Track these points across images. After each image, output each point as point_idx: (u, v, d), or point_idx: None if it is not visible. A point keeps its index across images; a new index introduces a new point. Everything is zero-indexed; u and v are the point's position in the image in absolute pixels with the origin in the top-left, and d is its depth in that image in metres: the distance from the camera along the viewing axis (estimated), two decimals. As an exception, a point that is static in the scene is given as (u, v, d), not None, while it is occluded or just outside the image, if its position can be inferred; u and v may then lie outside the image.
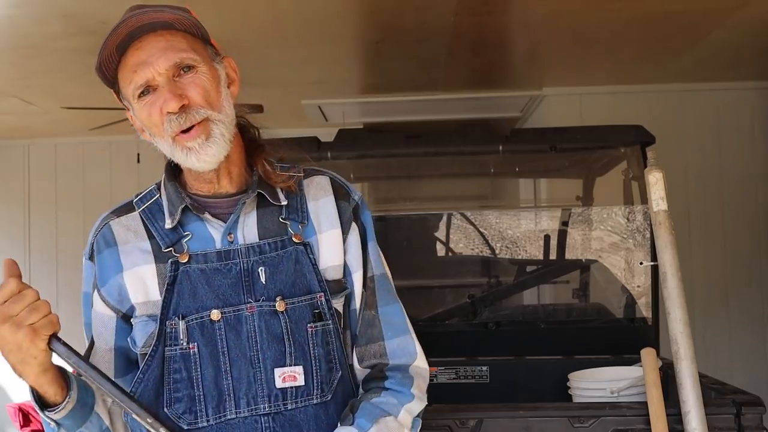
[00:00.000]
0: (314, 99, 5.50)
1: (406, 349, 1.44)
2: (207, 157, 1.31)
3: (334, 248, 1.41)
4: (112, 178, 6.58)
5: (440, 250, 3.72)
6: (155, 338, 1.33)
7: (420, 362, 1.45)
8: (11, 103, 5.38)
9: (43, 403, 1.25)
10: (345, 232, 1.42)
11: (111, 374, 1.36)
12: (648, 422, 2.00)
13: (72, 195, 6.63)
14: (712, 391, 2.15)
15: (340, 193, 1.45)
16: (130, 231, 1.39)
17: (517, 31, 4.30)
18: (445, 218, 3.68)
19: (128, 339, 1.37)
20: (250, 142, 1.42)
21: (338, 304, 1.40)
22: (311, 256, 1.38)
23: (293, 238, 1.38)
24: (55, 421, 1.26)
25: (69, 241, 6.54)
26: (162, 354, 1.33)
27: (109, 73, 1.34)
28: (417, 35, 4.16)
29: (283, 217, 1.39)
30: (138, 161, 5.90)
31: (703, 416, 1.97)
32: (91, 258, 1.41)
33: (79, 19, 3.75)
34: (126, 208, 1.43)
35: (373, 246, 1.46)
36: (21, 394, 6.18)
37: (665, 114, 5.27)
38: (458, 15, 3.84)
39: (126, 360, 1.40)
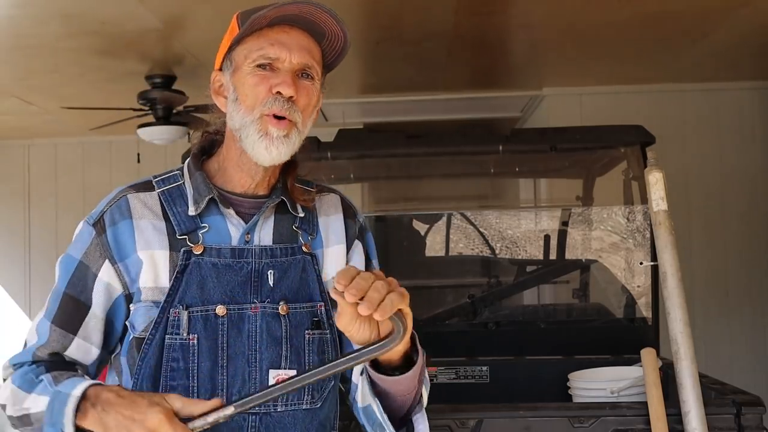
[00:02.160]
0: (314, 99, 5.49)
1: None
2: (275, 150, 1.34)
3: (338, 262, 1.45)
4: (112, 178, 6.57)
5: (440, 250, 3.73)
6: (153, 324, 1.33)
7: None
8: (11, 103, 5.38)
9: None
10: (348, 248, 1.48)
11: (99, 342, 1.38)
12: (648, 422, 2.00)
13: (72, 195, 6.63)
14: (712, 391, 2.15)
15: (348, 213, 1.51)
16: (146, 207, 1.39)
17: (517, 31, 4.30)
18: (445, 218, 3.68)
19: (127, 322, 1.37)
20: (288, 162, 1.44)
21: (335, 315, 1.42)
22: (316, 267, 1.42)
23: (303, 248, 1.42)
24: None
25: (69, 241, 6.52)
26: (160, 341, 1.33)
27: (248, 29, 1.35)
28: (417, 35, 4.17)
29: (296, 225, 1.43)
30: (138, 161, 5.91)
31: (703, 416, 1.97)
32: (96, 226, 1.39)
33: (79, 20, 3.75)
34: (144, 186, 1.43)
35: (377, 264, 1.53)
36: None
37: (665, 114, 5.27)
38: (458, 15, 3.84)
39: (108, 333, 1.39)
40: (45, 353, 1.37)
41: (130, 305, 1.36)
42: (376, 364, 1.29)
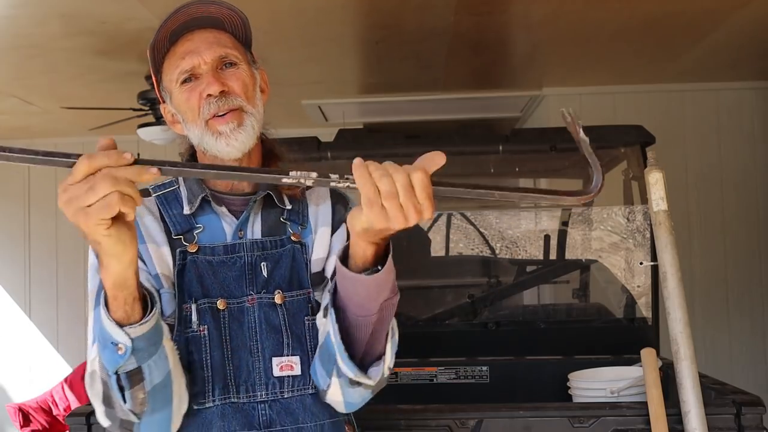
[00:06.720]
0: (314, 99, 5.50)
1: None
2: (236, 143, 1.39)
3: (323, 244, 1.48)
4: (112, 178, 6.56)
5: (440, 250, 3.72)
6: (175, 320, 1.37)
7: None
8: (11, 103, 5.38)
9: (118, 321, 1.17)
10: (334, 230, 1.50)
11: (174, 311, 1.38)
12: (648, 422, 2.00)
13: (72, 195, 6.62)
14: (712, 391, 2.15)
15: (339, 199, 1.55)
16: (146, 209, 1.44)
17: (516, 31, 4.30)
18: (445, 218, 3.67)
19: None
20: (267, 152, 1.51)
21: (318, 296, 1.43)
22: (305, 255, 1.46)
23: (292, 237, 1.46)
24: (131, 340, 1.16)
25: (69, 241, 6.55)
26: (178, 336, 1.36)
27: (159, 57, 1.44)
28: (417, 35, 4.17)
29: (284, 217, 1.48)
30: (138, 161, 5.91)
31: (703, 416, 1.97)
32: None
33: (78, 19, 3.75)
34: (142, 192, 1.44)
35: None
36: (21, 394, 6.18)
37: (665, 114, 5.27)
38: (458, 15, 3.84)
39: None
40: None
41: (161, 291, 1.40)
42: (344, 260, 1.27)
